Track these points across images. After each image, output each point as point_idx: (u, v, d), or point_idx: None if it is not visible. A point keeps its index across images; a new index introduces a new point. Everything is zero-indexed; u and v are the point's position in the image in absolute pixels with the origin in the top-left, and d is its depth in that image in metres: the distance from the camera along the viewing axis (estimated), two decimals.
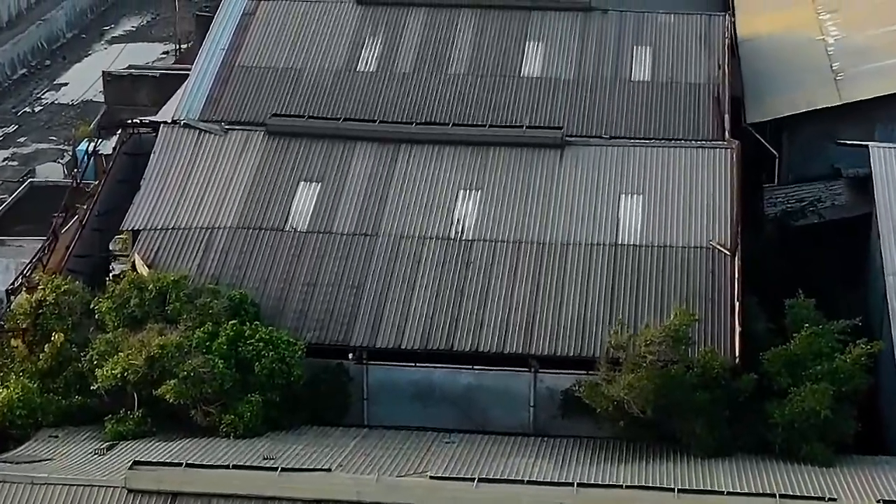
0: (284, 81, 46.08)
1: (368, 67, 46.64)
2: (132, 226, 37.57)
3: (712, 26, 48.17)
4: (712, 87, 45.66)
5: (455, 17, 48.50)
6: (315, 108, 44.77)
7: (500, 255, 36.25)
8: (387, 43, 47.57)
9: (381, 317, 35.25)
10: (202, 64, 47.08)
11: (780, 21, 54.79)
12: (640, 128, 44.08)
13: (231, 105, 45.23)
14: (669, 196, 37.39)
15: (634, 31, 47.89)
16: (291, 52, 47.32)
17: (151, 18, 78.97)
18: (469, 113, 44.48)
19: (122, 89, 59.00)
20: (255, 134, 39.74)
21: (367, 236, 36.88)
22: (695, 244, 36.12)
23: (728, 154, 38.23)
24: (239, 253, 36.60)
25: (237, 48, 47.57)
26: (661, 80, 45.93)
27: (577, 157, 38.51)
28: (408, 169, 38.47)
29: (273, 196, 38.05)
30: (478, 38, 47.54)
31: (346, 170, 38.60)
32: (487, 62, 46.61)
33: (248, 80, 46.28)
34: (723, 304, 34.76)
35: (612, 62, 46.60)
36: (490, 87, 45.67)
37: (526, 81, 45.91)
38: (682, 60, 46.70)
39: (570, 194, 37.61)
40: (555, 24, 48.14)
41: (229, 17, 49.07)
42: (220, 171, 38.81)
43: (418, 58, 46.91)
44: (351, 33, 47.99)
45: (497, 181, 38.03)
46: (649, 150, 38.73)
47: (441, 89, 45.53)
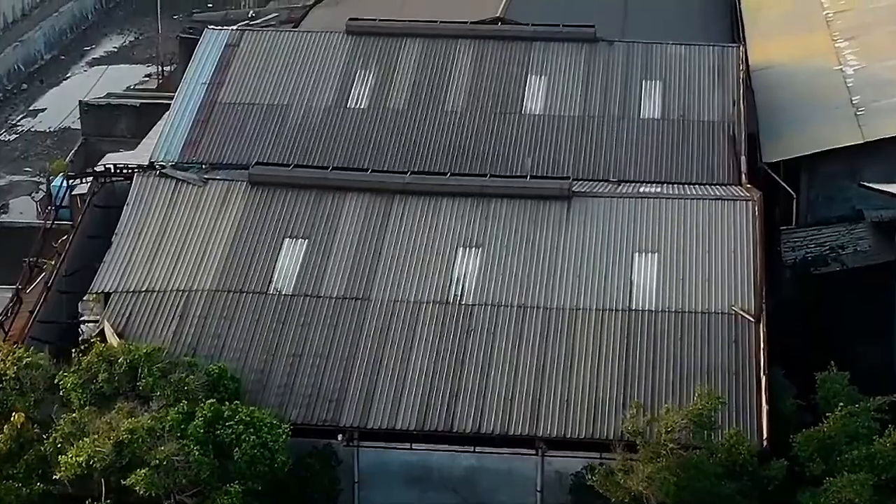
0: (270, 119, 43.14)
1: (360, 104, 43.68)
2: (102, 288, 34.53)
3: (726, 58, 45.23)
4: (727, 124, 42.76)
5: (452, 49, 45.53)
6: (302, 150, 41.90)
7: (504, 321, 33.22)
8: (379, 76, 44.60)
9: (374, 393, 32.21)
10: (182, 101, 44.10)
11: (794, 48, 51.76)
12: (651, 170, 41.18)
13: (212, 146, 42.30)
14: (686, 255, 34.36)
15: (643, 64, 44.93)
16: (277, 86, 44.35)
17: (134, 38, 75.87)
18: (467, 154, 41.60)
19: (100, 119, 56.00)
20: (236, 184, 36.65)
21: (357, 300, 33.82)
22: (715, 309, 33.11)
23: (749, 208, 35.22)
24: (218, 319, 33.55)
25: (219, 83, 44.59)
26: (673, 117, 43.00)
27: (586, 210, 35.49)
28: (402, 224, 35.41)
29: (256, 255, 34.99)
30: (476, 72, 44.58)
31: (335, 225, 35.55)
32: (487, 98, 43.65)
33: (231, 118, 43.32)
34: (747, 378, 31.77)
35: (620, 98, 43.65)
36: (490, 125, 42.72)
37: (528, 119, 42.97)
38: (694, 96, 43.75)
39: (578, 253, 34.57)
40: (558, 56, 45.18)
41: (211, 49, 46.09)
42: (198, 227, 35.73)
43: (413, 93, 43.95)
44: (341, 66, 45.03)
45: (499, 238, 35.00)
46: (664, 202, 35.69)
47: (437, 128, 42.57)
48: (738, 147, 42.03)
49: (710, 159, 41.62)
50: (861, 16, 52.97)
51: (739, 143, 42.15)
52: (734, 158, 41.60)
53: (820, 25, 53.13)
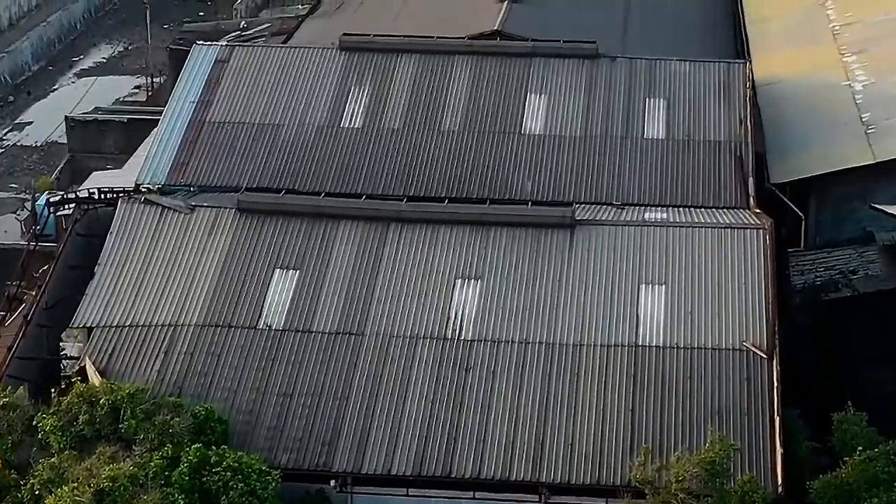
0: (260, 139, 41.60)
1: (354, 123, 42.15)
2: (84, 322, 32.98)
3: (731, 75, 43.73)
4: (734, 144, 41.29)
5: (449, 65, 44.01)
6: (294, 172, 40.33)
7: (504, 358, 31.69)
8: (374, 94, 43.08)
9: (368, 435, 30.69)
10: (169, 120, 42.56)
11: (800, 62, 50.27)
12: (656, 193, 39.66)
13: (200, 168, 40.77)
14: (695, 287, 32.86)
15: (646, 82, 43.42)
16: (268, 105, 42.81)
17: (123, 49, 74.22)
18: (465, 177, 40.05)
19: (86, 136, 54.43)
20: (224, 212, 35.11)
21: (351, 336, 32.28)
22: (726, 345, 31.60)
23: (760, 236, 33.74)
24: (205, 356, 32.00)
25: (208, 102, 43.05)
26: (677, 137, 41.51)
27: (590, 239, 33.98)
28: (397, 254, 33.88)
29: (244, 287, 33.45)
30: (474, 89, 43.06)
31: (328, 255, 34.01)
32: (485, 117, 42.13)
33: (220, 138, 41.78)
34: (760, 420, 30.28)
35: (623, 117, 42.15)
36: (488, 146, 41.19)
37: (528, 139, 41.45)
38: (699, 115, 42.26)
39: (582, 285, 33.05)
40: (559, 73, 43.66)
41: (200, 66, 44.55)
42: (184, 257, 34.18)
43: (409, 112, 42.43)
44: (335, 83, 43.50)
45: (499, 269, 33.48)
46: (671, 231, 34.19)
47: (433, 149, 41.04)
48: (745, 168, 40.56)
49: (716, 181, 40.12)
50: (868, 28, 51.48)
51: (747, 165, 40.68)
52: (742, 180, 40.12)
53: (826, 38, 51.64)
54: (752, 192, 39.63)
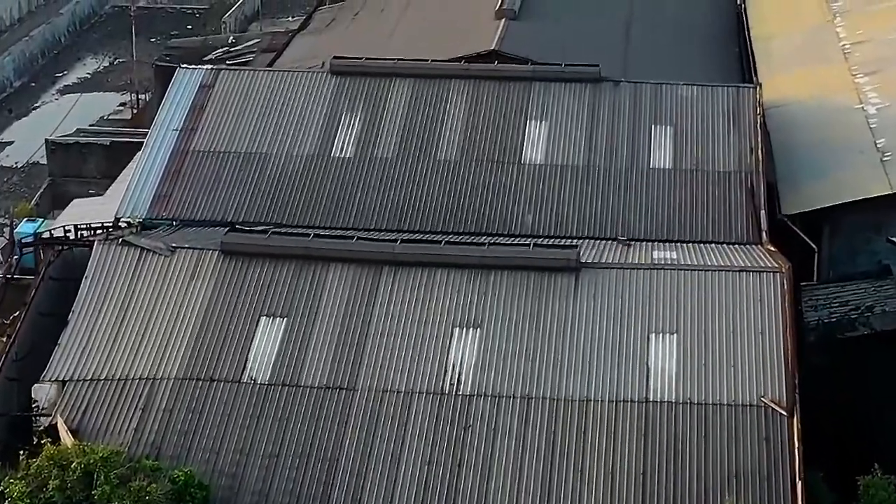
0: (247, 170, 39.61)
1: (345, 152, 40.13)
2: (57, 375, 30.86)
3: (741, 100, 41.72)
4: (744, 175, 39.29)
5: (445, 90, 41.97)
6: (282, 206, 38.41)
7: (506, 415, 29.58)
8: (366, 121, 41.05)
9: (360, 499, 28.42)
10: (151, 149, 40.55)
11: (810, 83, 48.24)
12: (663, 228, 37.70)
13: (184, 200, 38.82)
14: (709, 336, 30.77)
15: (652, 108, 41.39)
16: (255, 132, 40.78)
17: (109, 63, 72.03)
18: (462, 211, 38.11)
19: (67, 159, 52.36)
20: (206, 254, 32.98)
21: (341, 390, 30.15)
22: (742, 401, 29.51)
23: (778, 281, 31.66)
24: (185, 413, 29.87)
25: (192, 129, 41.02)
26: (685, 167, 39.50)
27: (596, 283, 31.89)
28: (391, 300, 31.77)
29: (228, 337, 31.32)
30: (471, 116, 41.03)
31: (317, 301, 31.89)
32: (483, 145, 40.12)
33: (205, 168, 39.79)
34: (781, 484, 28.16)
35: (628, 146, 40.13)
36: (486, 176, 39.19)
37: (528, 169, 39.44)
38: (708, 143, 40.24)
39: (588, 334, 30.96)
40: (560, 98, 41.64)
41: (184, 91, 42.52)
42: (164, 304, 32.05)
43: (403, 140, 40.41)
44: (325, 109, 41.47)
45: (499, 316, 31.38)
46: (682, 274, 32.10)
47: (429, 181, 39.03)
48: (757, 201, 38.57)
49: (727, 215, 38.13)
50: (880, 48, 49.47)
51: (758, 197, 38.67)
52: (753, 214, 38.13)
53: (837, 58, 49.64)
54: (765, 227, 37.66)
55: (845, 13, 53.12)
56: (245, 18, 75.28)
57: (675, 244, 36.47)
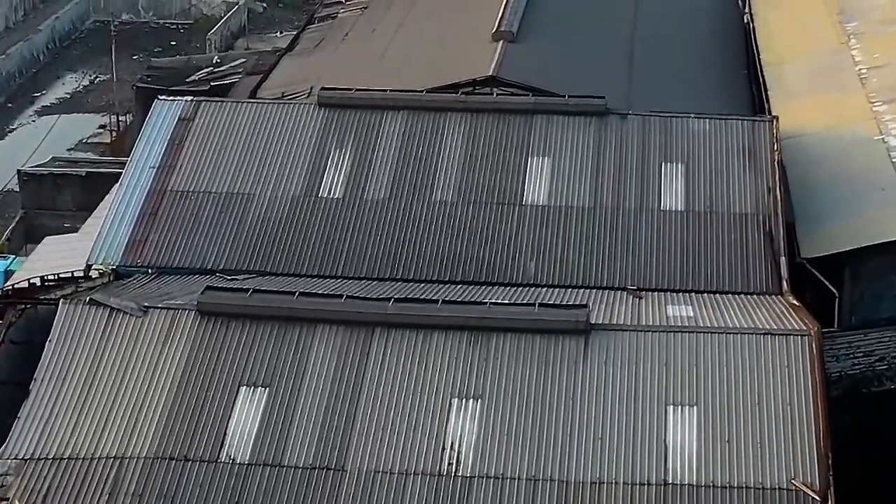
0: (229, 212, 36.95)
1: (333, 192, 37.47)
2: (16, 453, 28.05)
3: (757, 135, 39.06)
4: (762, 217, 36.64)
5: (441, 124, 39.29)
6: (265, 253, 35.80)
7: (510, 499, 26.73)
8: (357, 158, 38.38)
9: None
10: (126, 188, 37.87)
11: (826, 112, 45.54)
12: (675, 276, 35.05)
13: (160, 246, 36.17)
14: (732, 409, 28.01)
15: (662, 143, 38.72)
16: (238, 171, 38.12)
17: (89, 82, 69.20)
18: (459, 258, 35.49)
19: (41, 191, 49.62)
20: (182, 314, 30.19)
21: (329, 471, 27.29)
22: (770, 484, 26.73)
23: (807, 345, 28.93)
24: (157, 497, 26.99)
25: (170, 167, 38.34)
26: (698, 209, 36.83)
27: (608, 348, 29.16)
28: (383, 368, 28.99)
29: (205, 410, 28.50)
30: (469, 153, 38.36)
31: (303, 369, 29.12)
32: (481, 185, 37.47)
33: (183, 209, 37.11)
34: None
35: (637, 185, 37.46)
36: (485, 220, 36.54)
37: (530, 212, 36.77)
38: (722, 182, 37.59)
39: (599, 406, 28.19)
40: (564, 132, 38.97)
41: (162, 124, 39.82)
42: (135, 372, 29.24)
43: (396, 179, 37.74)
44: (312, 145, 38.80)
45: (502, 386, 28.62)
46: (701, 337, 29.37)
47: (424, 225, 36.37)
48: (776, 246, 35.93)
49: (744, 261, 35.47)
50: None
51: (777, 241, 36.03)
52: (773, 261, 35.49)
53: (853, 84, 46.97)
54: (785, 275, 35.02)
55: (860, 35, 50.49)
56: (231, 35, 72.57)
57: (689, 295, 33.85)
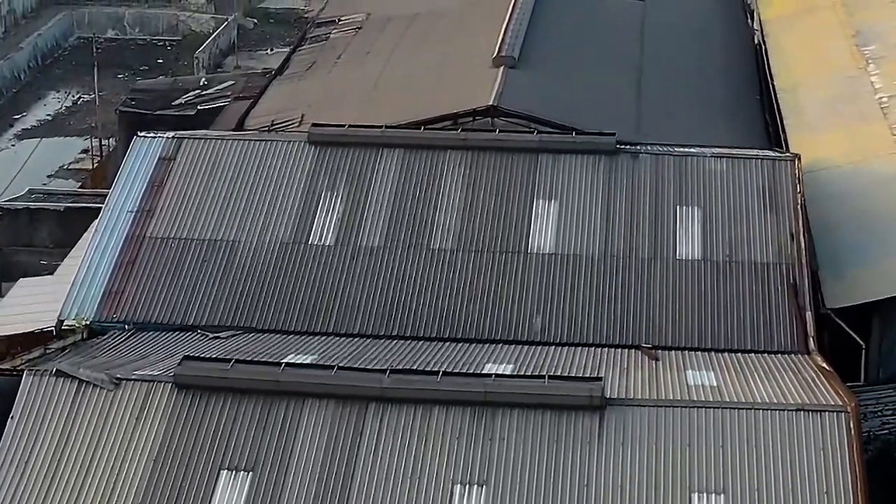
0: (212, 261, 34.45)
1: (325, 239, 34.93)
2: None
3: (778, 175, 36.47)
4: (785, 267, 34.06)
5: (440, 163, 36.74)
6: (251, 308, 33.34)
7: None
8: (350, 201, 35.84)
9: None
10: (102, 234, 35.30)
11: (846, 144, 43.08)
12: (693, 333, 32.55)
13: (138, 299, 33.66)
14: (763, 496, 25.41)
15: (677, 184, 36.16)
16: (222, 215, 35.57)
17: (72, 103, 66.51)
18: (459, 311, 33.05)
19: (17, 227, 46.94)
20: (158, 387, 27.52)
21: None
22: None
23: (843, 424, 26.32)
24: None
25: (149, 211, 35.78)
26: (717, 258, 34.26)
27: (624, 426, 26.55)
28: (378, 448, 26.29)
29: (181, 497, 25.81)
30: (470, 195, 35.83)
31: (289, 449, 26.43)
32: (483, 231, 34.93)
33: (163, 258, 34.59)
34: None
35: (650, 231, 34.89)
36: (487, 270, 34.01)
37: (535, 261, 34.23)
38: (741, 228, 35.02)
39: (616, 493, 25.57)
40: (571, 173, 36.43)
41: (141, 164, 37.29)
42: (105, 452, 26.50)
43: (391, 225, 35.19)
44: (302, 187, 36.27)
45: (508, 470, 25.95)
46: (727, 414, 26.73)
47: (421, 275, 33.88)
48: (801, 299, 33.33)
49: (766, 317, 32.92)
50: None
51: (802, 294, 33.45)
52: (797, 316, 32.91)
53: (874, 113, 44.50)
54: (812, 333, 32.45)
55: (880, 59, 47.98)
56: (220, 52, 69.92)
57: (709, 355, 31.31)
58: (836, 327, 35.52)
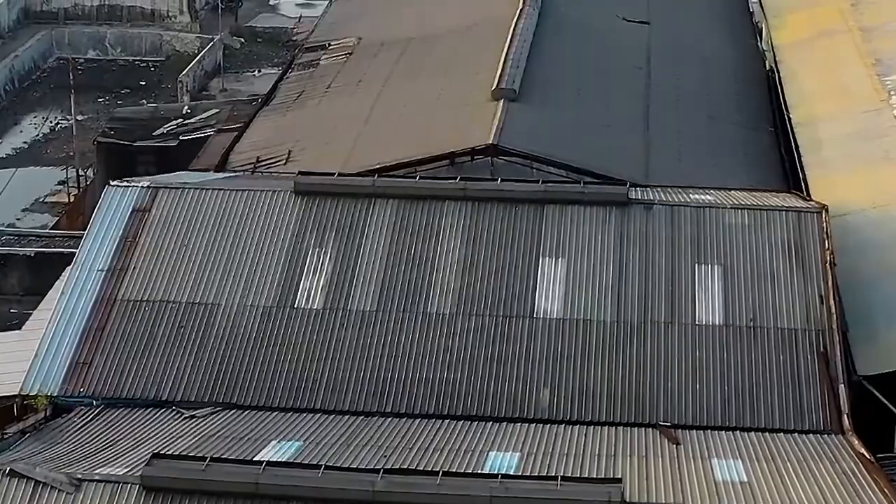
0: (189, 327, 31.65)
1: (312, 302, 32.08)
2: None
3: (804, 229, 33.60)
4: (814, 334, 31.19)
5: (437, 216, 33.90)
6: (231, 378, 30.66)
7: None
8: (339, 259, 32.98)
9: None
10: (69, 299, 32.37)
11: (871, 186, 40.12)
12: (716, 410, 29.83)
13: (107, 370, 30.90)
14: None
15: (694, 240, 33.27)
16: (201, 275, 32.71)
17: (50, 129, 63.50)
18: (459, 384, 30.31)
19: None
20: (123, 490, 24.53)
21: None
22: None
23: None
24: None
25: (121, 270, 32.91)
26: (740, 323, 31.42)
27: None
28: None
29: None
30: (470, 252, 32.98)
31: None
32: (485, 293, 32.13)
33: (136, 323, 31.78)
34: None
35: (667, 293, 32.05)
36: (489, 337, 31.25)
37: (542, 326, 31.40)
38: (765, 289, 32.17)
39: None
40: (580, 227, 33.55)
41: (113, 217, 34.40)
42: None
43: (385, 286, 32.37)
44: (288, 242, 33.44)
45: None
46: None
47: (418, 346, 31.10)
48: (832, 370, 30.47)
49: (795, 391, 30.14)
50: None
51: (834, 365, 30.57)
52: (830, 389, 30.05)
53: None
54: (846, 409, 29.59)
55: None
56: (205, 74, 66.91)
57: (735, 436, 28.49)
58: (866, 393, 32.65)
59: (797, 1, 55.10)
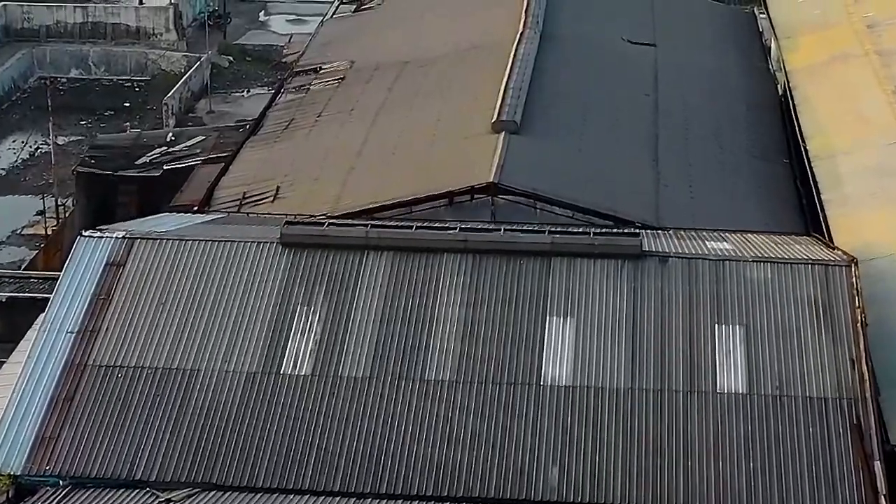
0: (166, 395, 29.11)
1: (300, 368, 29.55)
2: None
3: (832, 285, 30.96)
4: (846, 403, 28.63)
5: (436, 270, 31.31)
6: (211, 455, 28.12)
7: None
8: (329, 319, 30.42)
9: None
10: (35, 364, 29.77)
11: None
12: (741, 491, 27.15)
13: (76, 447, 28.35)
14: None
15: (714, 297, 30.66)
16: (179, 337, 30.13)
17: (29, 155, 60.88)
18: (459, 461, 27.76)
19: None
20: None
21: None
22: None
23: None
24: None
25: (93, 332, 30.35)
26: (765, 391, 28.85)
27: None
28: None
29: None
30: (472, 311, 30.40)
31: None
32: (487, 358, 29.55)
33: (107, 393, 29.26)
34: None
35: (685, 357, 29.46)
36: (492, 408, 28.68)
37: (550, 395, 28.88)
38: (791, 352, 29.58)
39: None
40: (590, 283, 30.95)
41: (86, 272, 31.76)
42: None
43: (379, 349, 29.81)
44: (274, 300, 30.87)
45: None
46: None
47: (415, 418, 28.50)
48: (867, 443, 27.91)
49: (826, 467, 27.57)
50: None
51: (868, 437, 28.03)
52: (864, 467, 27.49)
53: None
54: (884, 489, 27.03)
55: None
56: (192, 95, 64.27)
57: None
58: None
59: (810, 19, 52.61)
